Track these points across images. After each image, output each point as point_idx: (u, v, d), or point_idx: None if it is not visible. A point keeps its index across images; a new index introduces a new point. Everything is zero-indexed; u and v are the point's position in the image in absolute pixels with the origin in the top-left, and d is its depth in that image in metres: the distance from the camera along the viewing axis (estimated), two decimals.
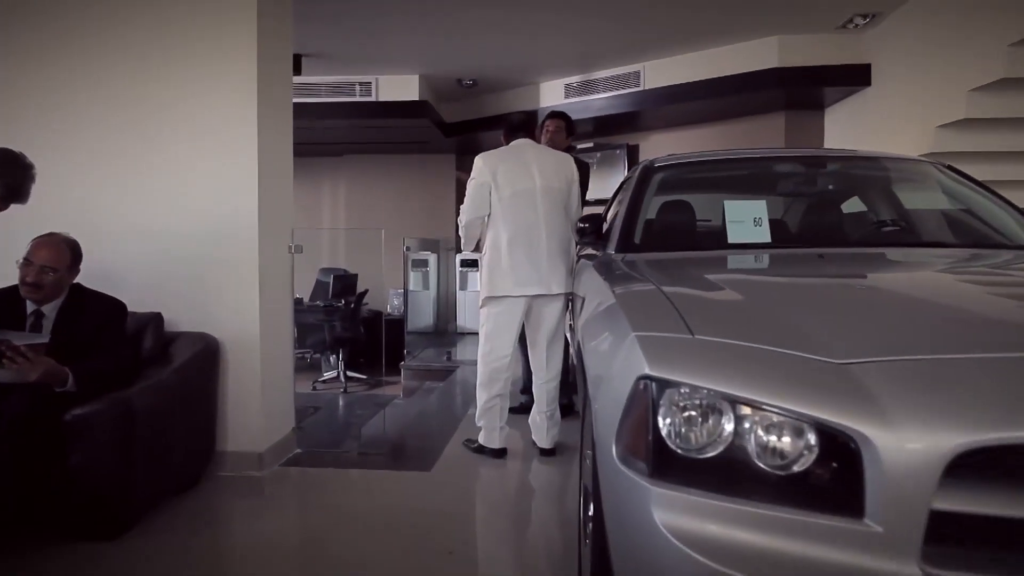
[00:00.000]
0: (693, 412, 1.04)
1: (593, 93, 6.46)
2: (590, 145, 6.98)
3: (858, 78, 5.23)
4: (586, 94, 6.50)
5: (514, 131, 3.12)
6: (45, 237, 2.38)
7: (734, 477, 1.01)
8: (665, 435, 1.05)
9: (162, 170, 2.86)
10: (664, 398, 1.06)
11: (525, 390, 3.67)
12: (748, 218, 2.12)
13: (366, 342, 6.78)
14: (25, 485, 2.03)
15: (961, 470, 0.89)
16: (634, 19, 5.04)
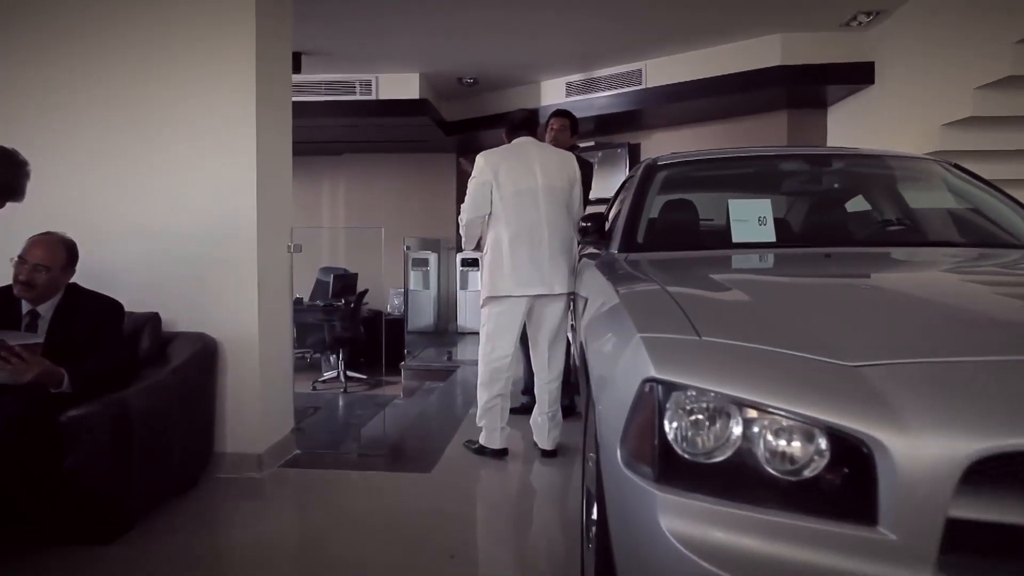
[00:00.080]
0: (700, 416, 1.02)
1: (594, 91, 6.44)
2: (591, 144, 6.95)
3: (861, 76, 5.19)
4: (587, 92, 6.48)
5: (516, 129, 3.09)
6: (41, 236, 2.37)
7: (742, 483, 0.98)
8: (671, 439, 1.03)
9: (161, 170, 2.85)
10: (670, 401, 1.04)
11: (526, 391, 3.65)
12: (752, 217, 2.10)
13: (366, 342, 6.75)
14: (20, 487, 2.01)
15: (978, 476, 0.86)
16: (636, 17, 5.02)
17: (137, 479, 2.23)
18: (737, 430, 0.99)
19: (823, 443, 0.95)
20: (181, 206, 2.83)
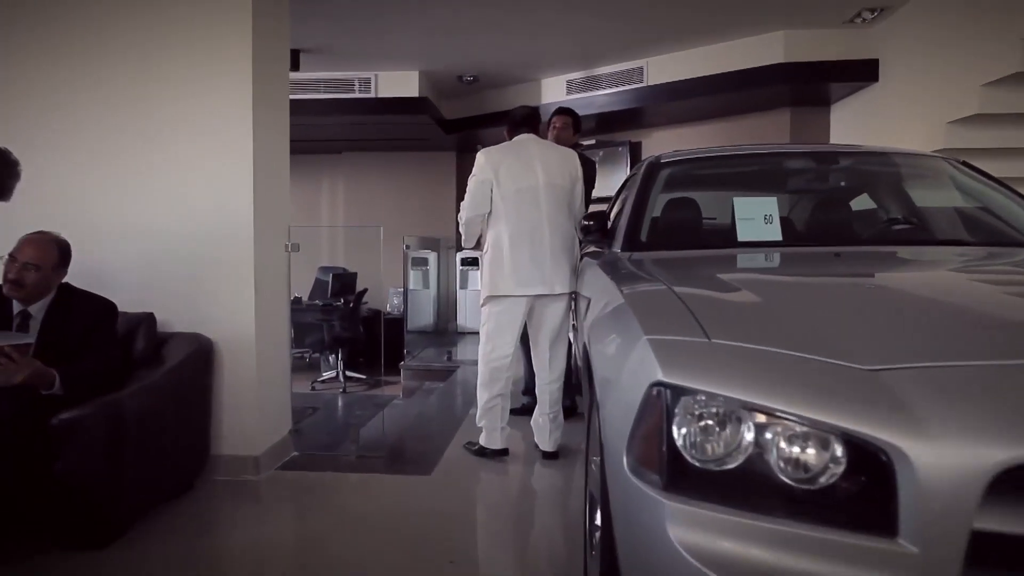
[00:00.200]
0: (710, 421, 0.98)
1: (596, 89, 6.39)
2: (592, 142, 6.91)
3: (865, 74, 5.14)
4: (588, 90, 6.43)
5: (518, 126, 3.05)
6: (34, 234, 2.33)
7: (754, 491, 0.95)
8: (680, 446, 0.99)
9: (157, 169, 2.82)
10: (679, 406, 1.00)
11: (527, 391, 3.61)
12: (758, 215, 2.06)
13: (365, 342, 6.72)
14: (11, 491, 1.97)
15: (1005, 487, 0.82)
16: (637, 15, 4.97)
17: (131, 482, 2.19)
18: (749, 436, 0.96)
19: (839, 450, 0.91)
20: (177, 205, 2.80)
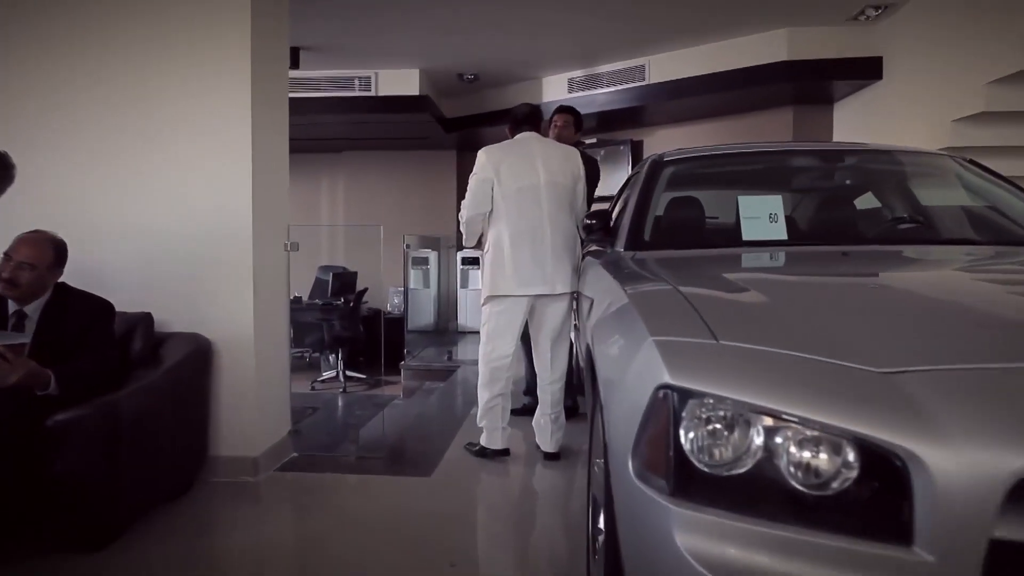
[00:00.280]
0: (719, 425, 0.95)
1: (597, 88, 6.36)
2: (593, 141, 6.87)
3: (869, 71, 5.11)
4: (590, 88, 6.40)
5: (520, 124, 3.01)
6: (30, 234, 2.30)
7: (764, 497, 0.92)
8: (688, 450, 0.96)
9: (156, 169, 2.80)
10: (686, 410, 0.97)
11: (528, 391, 3.59)
12: (763, 214, 2.03)
13: (365, 341, 6.70)
14: (6, 493, 1.93)
15: None
16: (639, 13, 4.94)
17: (128, 484, 2.17)
18: (758, 441, 0.93)
19: (851, 455, 0.88)
20: (176, 205, 2.78)
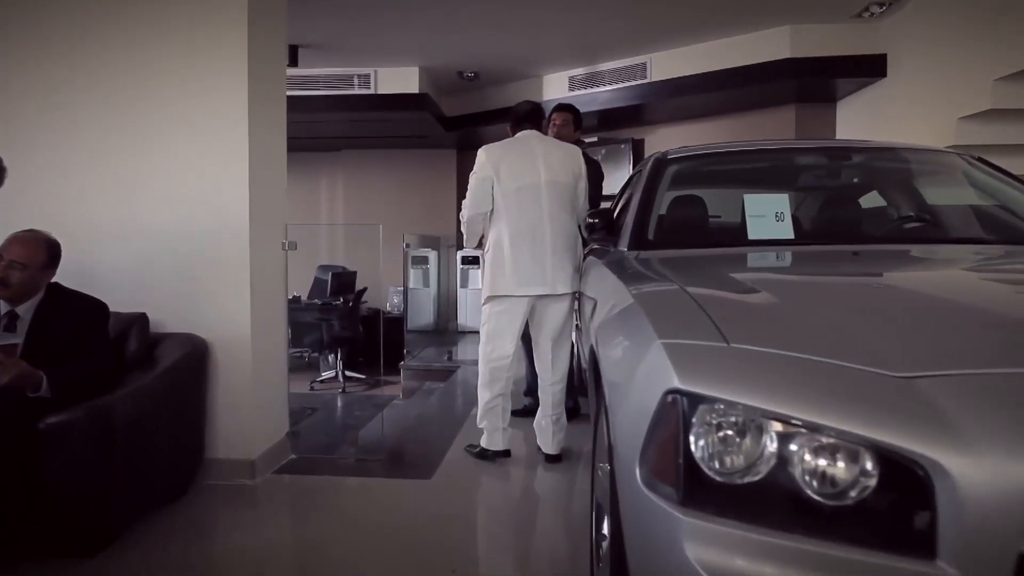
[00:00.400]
0: (730, 432, 0.91)
1: (598, 86, 6.32)
2: (594, 139, 6.84)
3: (873, 69, 5.07)
4: (591, 87, 6.36)
5: (521, 122, 2.97)
6: (23, 233, 2.26)
7: (778, 507, 0.88)
8: (698, 458, 0.92)
9: (153, 168, 2.76)
10: (696, 415, 0.93)
11: (529, 392, 3.55)
12: (769, 213, 1.99)
13: (365, 341, 6.66)
14: None
15: None
16: (640, 10, 4.90)
17: (122, 487, 2.12)
18: (771, 448, 0.89)
19: (869, 464, 0.84)
20: (173, 204, 2.74)
